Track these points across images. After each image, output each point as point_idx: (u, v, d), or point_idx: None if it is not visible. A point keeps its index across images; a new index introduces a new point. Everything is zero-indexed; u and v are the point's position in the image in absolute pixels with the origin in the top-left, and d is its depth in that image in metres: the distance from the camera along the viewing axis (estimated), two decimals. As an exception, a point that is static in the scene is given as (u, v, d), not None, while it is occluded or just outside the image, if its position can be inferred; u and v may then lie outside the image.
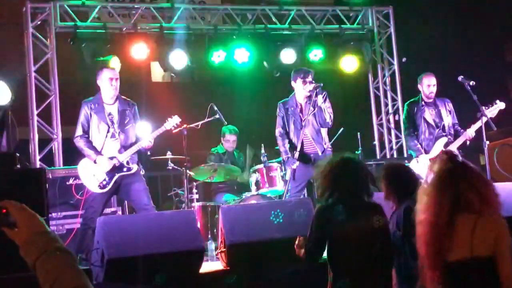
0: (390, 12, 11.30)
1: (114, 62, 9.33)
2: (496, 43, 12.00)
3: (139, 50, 9.85)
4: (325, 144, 7.80)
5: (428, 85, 8.29)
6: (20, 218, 2.05)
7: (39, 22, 9.50)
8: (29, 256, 1.99)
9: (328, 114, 7.65)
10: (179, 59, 9.96)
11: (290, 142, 7.84)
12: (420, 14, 12.05)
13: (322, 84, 7.61)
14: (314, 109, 7.66)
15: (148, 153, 7.79)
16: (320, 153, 7.68)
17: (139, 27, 10.05)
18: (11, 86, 7.44)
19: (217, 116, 8.31)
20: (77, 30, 9.50)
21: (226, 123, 8.69)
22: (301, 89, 7.79)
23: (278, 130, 7.93)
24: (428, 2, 11.84)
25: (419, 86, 8.40)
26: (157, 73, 13.33)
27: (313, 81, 7.69)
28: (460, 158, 3.63)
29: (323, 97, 7.66)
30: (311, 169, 7.68)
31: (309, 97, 7.73)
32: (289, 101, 7.93)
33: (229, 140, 9.52)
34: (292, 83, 7.93)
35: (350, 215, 4.40)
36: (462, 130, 8.19)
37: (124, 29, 10.02)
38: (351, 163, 4.68)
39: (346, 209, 4.44)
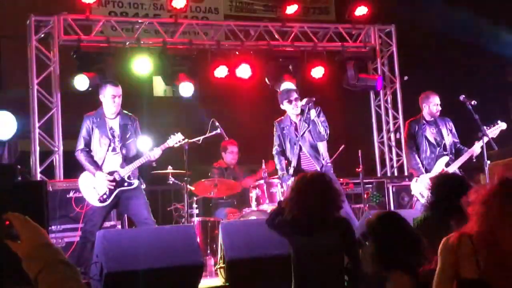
0: (393, 30, 11.35)
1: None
2: (498, 63, 12.03)
3: (142, 65, 9.87)
4: (323, 159, 7.76)
5: (435, 104, 8.28)
6: (23, 230, 2.05)
7: (42, 35, 9.54)
8: (32, 269, 1.99)
9: (323, 127, 7.61)
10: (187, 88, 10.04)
11: (288, 160, 7.84)
12: (422, 32, 12.10)
13: (314, 99, 7.61)
14: (309, 126, 7.65)
15: (154, 164, 7.76)
16: (319, 169, 7.65)
17: (142, 42, 10.07)
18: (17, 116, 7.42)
19: (218, 131, 8.32)
20: (80, 44, 9.53)
21: (227, 138, 8.71)
22: (290, 109, 7.82)
23: (275, 149, 7.95)
24: (430, 21, 11.89)
25: (423, 105, 8.34)
26: (159, 88, 13.37)
27: (299, 98, 7.71)
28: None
29: (316, 112, 7.63)
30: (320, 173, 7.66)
31: (302, 113, 7.72)
32: (284, 120, 7.94)
33: (233, 152, 9.60)
34: (281, 106, 7.94)
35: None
36: (465, 148, 8.17)
37: (127, 43, 10.05)
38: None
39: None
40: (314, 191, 4.74)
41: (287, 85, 9.82)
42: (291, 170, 7.56)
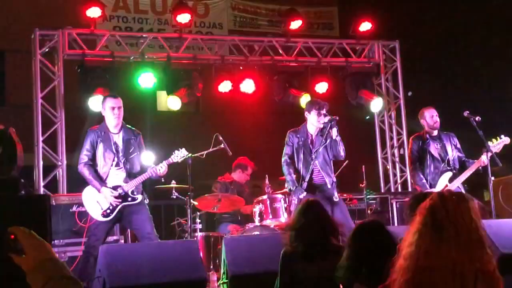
0: (397, 46, 11.36)
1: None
2: (502, 78, 12.06)
3: (146, 79, 9.90)
4: (333, 175, 7.76)
5: (431, 115, 8.31)
6: (28, 244, 2.04)
7: (47, 49, 9.57)
8: (35, 283, 1.98)
9: (342, 148, 7.62)
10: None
11: (297, 171, 7.77)
12: (427, 48, 12.14)
13: (337, 118, 7.55)
14: (326, 142, 7.61)
15: (162, 180, 7.74)
16: (329, 186, 7.60)
17: (146, 57, 10.10)
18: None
19: (222, 146, 8.30)
20: (85, 58, 9.55)
21: (230, 153, 8.67)
22: (315, 120, 7.69)
23: (285, 159, 7.81)
24: (435, 38, 11.93)
25: (421, 121, 8.41)
26: (163, 102, 13.39)
27: (327, 114, 7.65)
28: None
29: (336, 130, 7.60)
30: (321, 200, 7.63)
31: (322, 129, 7.68)
32: (300, 131, 7.83)
33: (249, 174, 9.64)
34: (306, 114, 7.84)
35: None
36: (470, 160, 8.15)
37: (131, 58, 10.07)
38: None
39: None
40: (312, 219, 4.89)
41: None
42: (304, 185, 7.50)
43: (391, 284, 2.78)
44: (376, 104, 10.94)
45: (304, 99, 10.29)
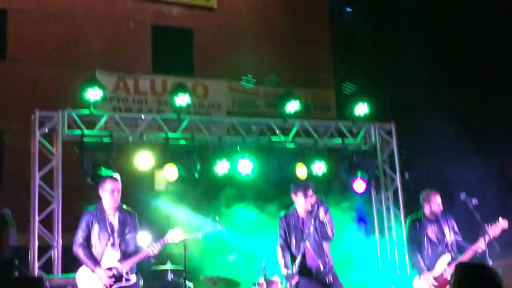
0: (393, 128, 11.40)
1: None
2: (499, 160, 12.12)
3: (144, 160, 9.92)
4: (327, 257, 7.61)
5: (437, 203, 8.24)
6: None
7: (46, 130, 9.59)
8: None
9: (330, 228, 7.53)
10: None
11: (292, 255, 7.69)
12: (423, 130, 12.24)
13: (323, 196, 7.55)
14: (315, 223, 7.54)
15: (152, 260, 7.69)
16: (322, 268, 7.49)
17: (144, 137, 10.12)
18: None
19: (219, 228, 8.26)
20: (84, 139, 9.57)
21: (226, 233, 8.62)
22: (302, 202, 7.68)
23: (279, 243, 7.74)
24: (431, 120, 12.05)
25: (424, 202, 8.31)
26: (160, 182, 13.41)
27: (314, 194, 7.62)
28: None
29: (324, 210, 7.55)
30: (313, 284, 7.52)
31: (311, 211, 7.63)
32: (290, 214, 7.80)
33: None
34: (293, 196, 7.82)
35: None
36: (468, 245, 8.06)
37: (130, 139, 10.08)
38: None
39: None
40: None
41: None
42: (295, 269, 7.39)
43: None
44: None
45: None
